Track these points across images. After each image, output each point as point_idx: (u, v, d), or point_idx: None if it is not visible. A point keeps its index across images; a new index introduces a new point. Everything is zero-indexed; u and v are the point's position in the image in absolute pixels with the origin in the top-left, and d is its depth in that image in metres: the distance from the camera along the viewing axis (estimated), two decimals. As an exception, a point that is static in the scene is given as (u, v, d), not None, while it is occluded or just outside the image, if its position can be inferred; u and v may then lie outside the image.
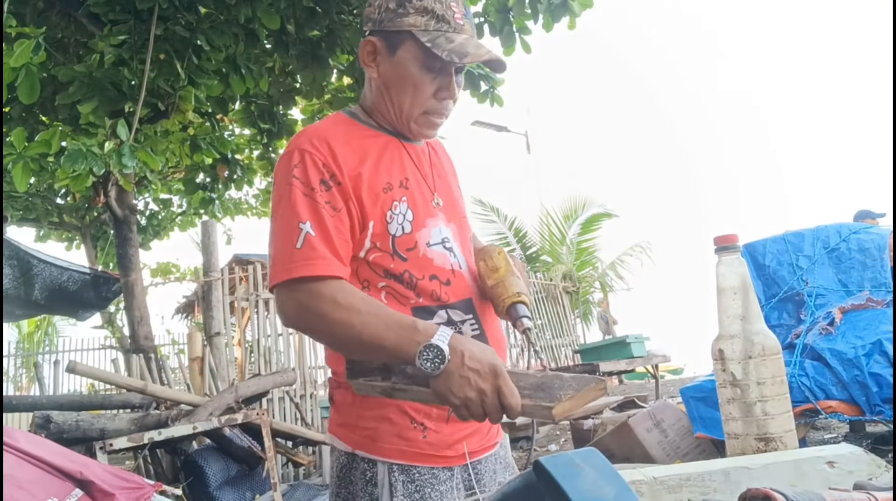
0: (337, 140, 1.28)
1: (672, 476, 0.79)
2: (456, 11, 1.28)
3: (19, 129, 3.63)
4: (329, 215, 1.21)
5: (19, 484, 2.42)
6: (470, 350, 1.08)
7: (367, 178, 1.27)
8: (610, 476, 0.65)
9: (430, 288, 1.30)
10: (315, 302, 1.17)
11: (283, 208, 1.23)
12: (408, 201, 1.31)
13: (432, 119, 1.35)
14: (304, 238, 1.19)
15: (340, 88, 5.77)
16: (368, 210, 1.26)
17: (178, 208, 8.65)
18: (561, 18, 4.41)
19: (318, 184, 1.22)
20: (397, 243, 1.28)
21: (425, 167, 1.40)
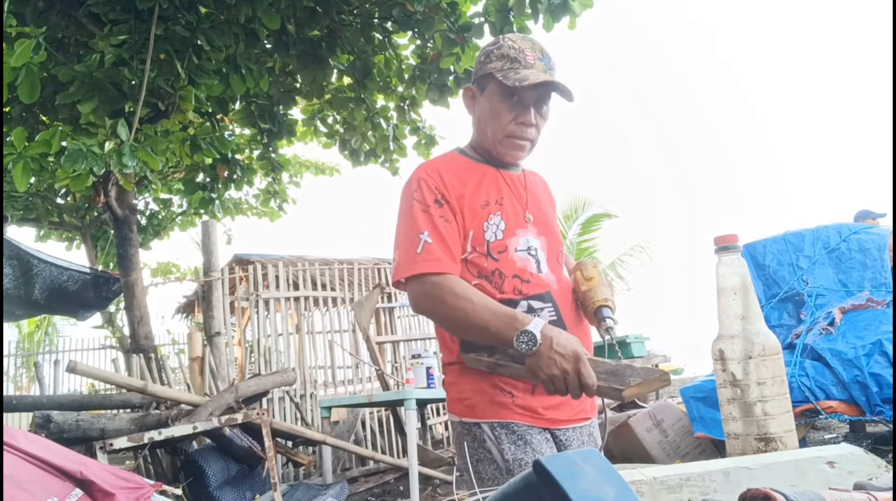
0: (446, 170, 1.65)
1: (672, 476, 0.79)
2: (528, 54, 1.60)
3: (19, 128, 3.63)
4: (443, 226, 1.57)
5: (19, 484, 2.42)
6: (557, 337, 1.38)
7: (468, 198, 1.62)
8: (610, 476, 0.65)
9: (513, 285, 1.61)
10: (438, 292, 1.50)
11: (406, 222, 1.60)
12: (502, 214, 1.64)
13: (514, 142, 1.65)
14: (423, 245, 1.54)
15: (340, 88, 5.77)
16: (469, 222, 1.61)
17: (178, 207, 8.64)
18: (561, 18, 4.40)
19: (432, 202, 1.59)
20: (491, 246, 1.62)
21: (519, 190, 1.72)
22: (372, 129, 5.90)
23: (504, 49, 1.62)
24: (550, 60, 1.65)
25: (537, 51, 1.62)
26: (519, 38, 1.64)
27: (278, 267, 6.36)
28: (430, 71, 5.22)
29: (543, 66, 1.61)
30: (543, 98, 1.64)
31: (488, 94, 1.64)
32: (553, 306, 1.63)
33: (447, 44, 4.79)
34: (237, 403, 4.31)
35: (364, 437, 6.08)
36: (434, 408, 6.78)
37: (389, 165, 6.16)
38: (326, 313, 7.01)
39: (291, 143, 6.84)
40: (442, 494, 4.89)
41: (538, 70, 1.59)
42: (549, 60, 1.64)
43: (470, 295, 1.49)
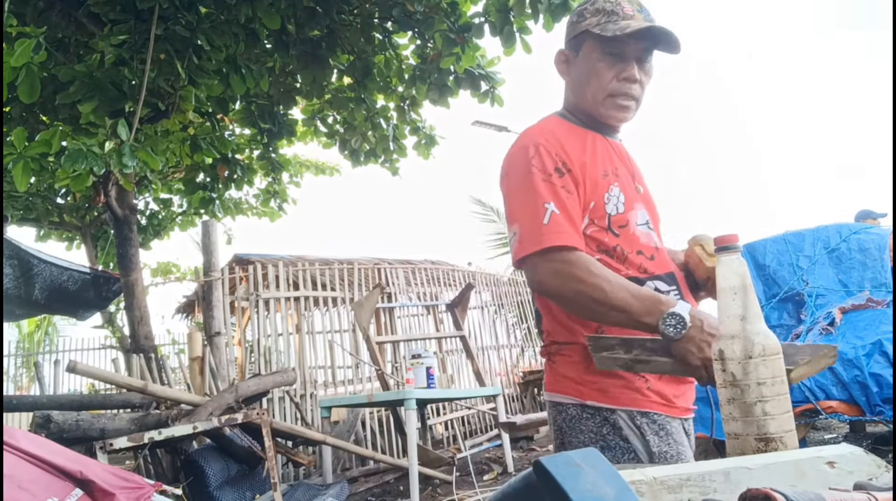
0: (560, 133, 1.50)
1: (672, 476, 0.79)
2: (625, 6, 1.47)
3: (19, 128, 3.63)
4: (565, 197, 1.42)
5: (19, 484, 2.42)
6: (707, 319, 1.25)
7: (588, 166, 1.48)
8: (610, 475, 0.65)
9: (638, 261, 1.49)
10: (571, 269, 1.36)
11: (525, 191, 1.44)
12: (619, 185, 1.50)
13: (617, 101, 1.51)
14: (551, 216, 1.39)
15: (341, 88, 5.77)
16: (590, 193, 1.46)
17: (178, 207, 8.64)
18: (561, 18, 4.40)
19: (553, 171, 1.43)
20: (612, 220, 1.48)
21: (626, 160, 1.60)
22: (372, 129, 5.91)
23: (598, 4, 1.49)
24: (650, 14, 1.50)
25: (634, 3, 1.50)
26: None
27: (278, 267, 6.36)
28: (430, 71, 5.22)
29: (644, 16, 1.48)
30: (648, 51, 1.50)
31: (585, 53, 1.51)
32: (678, 291, 1.50)
33: (447, 44, 4.79)
34: (237, 403, 4.31)
35: (364, 437, 6.08)
36: (434, 408, 6.78)
37: (389, 166, 6.17)
38: (326, 313, 7.01)
39: (291, 143, 6.84)
40: (442, 494, 4.89)
41: (638, 20, 1.46)
42: (648, 13, 1.50)
43: (607, 275, 1.35)
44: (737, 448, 1.02)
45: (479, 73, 5.12)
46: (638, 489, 0.75)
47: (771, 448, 0.98)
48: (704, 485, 0.78)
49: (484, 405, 7.27)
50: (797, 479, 0.82)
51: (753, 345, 1.02)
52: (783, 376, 1.02)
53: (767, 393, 1.01)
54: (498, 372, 8.62)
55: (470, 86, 5.17)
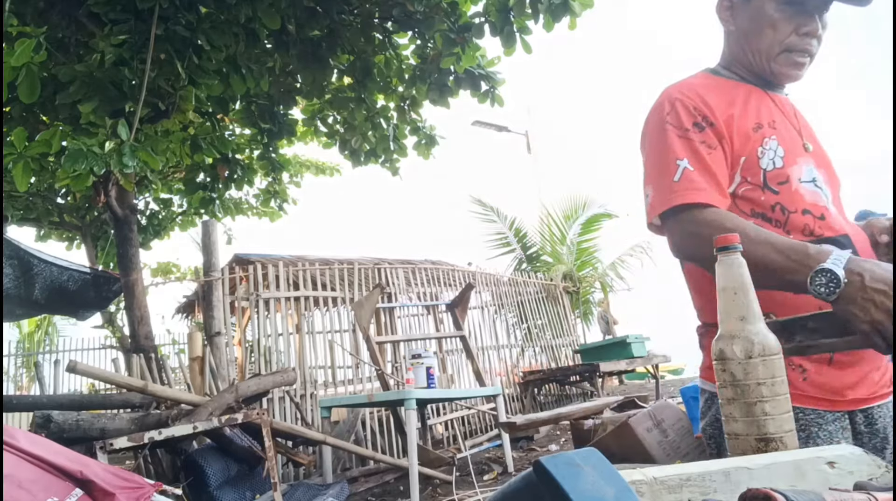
0: (703, 87, 1.38)
1: (672, 476, 0.79)
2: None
3: (20, 128, 3.63)
4: (705, 152, 1.29)
5: (19, 484, 2.42)
6: (871, 271, 1.02)
7: (737, 119, 1.33)
8: (610, 476, 0.65)
9: (803, 222, 1.31)
10: (701, 228, 1.22)
11: (658, 150, 1.33)
12: (777, 138, 1.34)
13: (794, 58, 1.37)
14: (682, 173, 1.27)
15: (341, 88, 5.78)
16: (739, 147, 1.32)
17: (178, 207, 8.65)
18: (561, 18, 4.41)
19: (691, 126, 1.31)
20: (768, 176, 1.32)
21: (791, 116, 1.42)
22: (372, 129, 5.91)
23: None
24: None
25: None
26: None
27: (278, 267, 6.36)
28: (430, 71, 5.22)
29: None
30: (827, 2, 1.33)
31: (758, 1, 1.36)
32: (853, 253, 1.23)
33: (447, 44, 4.80)
34: (237, 403, 4.31)
35: (364, 437, 6.08)
36: (434, 408, 6.78)
37: (390, 165, 6.17)
38: (326, 312, 7.01)
39: (292, 143, 6.85)
40: (442, 494, 4.89)
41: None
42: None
43: (746, 229, 1.17)
44: (737, 448, 1.02)
45: (480, 73, 5.12)
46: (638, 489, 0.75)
47: (771, 448, 0.98)
48: (704, 485, 0.78)
49: (484, 405, 7.26)
50: (797, 479, 0.82)
51: (753, 345, 1.02)
52: (783, 376, 1.02)
53: (767, 393, 1.00)
54: (498, 372, 8.62)
55: (470, 86, 5.17)
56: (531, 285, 10.17)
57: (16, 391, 14.31)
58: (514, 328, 9.62)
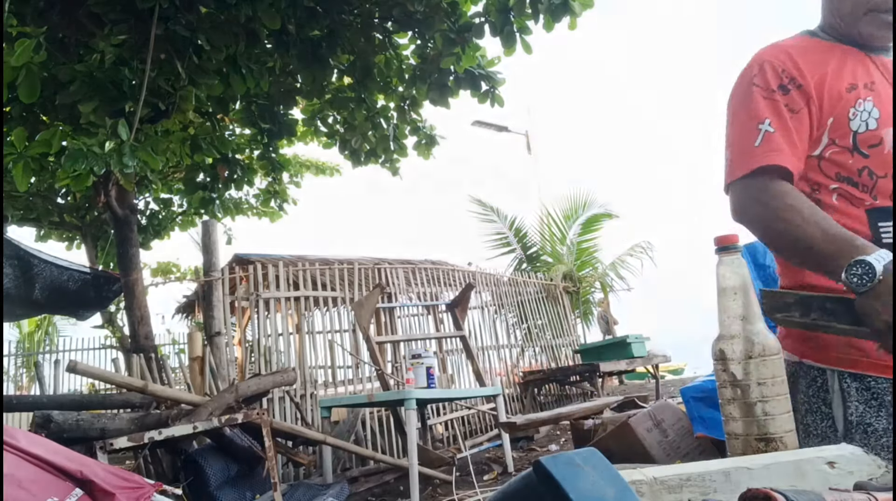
0: (796, 49, 1.35)
1: (672, 476, 0.79)
2: None
3: (20, 128, 3.64)
4: (788, 115, 1.28)
5: (19, 484, 2.42)
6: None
7: (829, 79, 1.30)
8: (610, 476, 0.65)
9: (891, 188, 1.26)
10: (765, 196, 1.24)
11: (743, 111, 1.32)
12: (874, 100, 1.30)
13: (881, 17, 1.31)
14: (764, 135, 1.27)
15: (341, 88, 5.78)
16: (828, 108, 1.29)
17: (178, 207, 8.65)
18: (561, 18, 4.41)
19: (777, 87, 1.30)
20: (859, 139, 1.28)
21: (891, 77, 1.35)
22: (372, 129, 5.91)
23: None
24: None
25: None
26: None
27: (278, 267, 6.36)
28: (430, 71, 5.22)
29: None
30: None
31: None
32: None
33: (447, 44, 4.80)
34: (237, 403, 4.31)
35: (364, 437, 6.08)
36: (434, 408, 6.78)
37: (390, 166, 6.17)
38: (327, 312, 7.01)
39: (292, 143, 6.85)
40: (442, 494, 4.89)
41: None
42: None
43: (802, 206, 1.19)
44: (737, 448, 1.02)
45: (480, 73, 5.12)
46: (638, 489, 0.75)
47: (771, 448, 0.98)
48: (704, 485, 0.78)
49: (484, 405, 7.27)
50: (797, 479, 0.82)
51: (753, 345, 1.02)
52: (783, 376, 1.02)
53: (768, 393, 1.01)
54: (498, 372, 8.62)
55: (470, 86, 5.17)
56: (531, 285, 10.17)
57: (16, 391, 14.31)
58: (514, 328, 9.61)
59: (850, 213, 1.28)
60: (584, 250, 12.84)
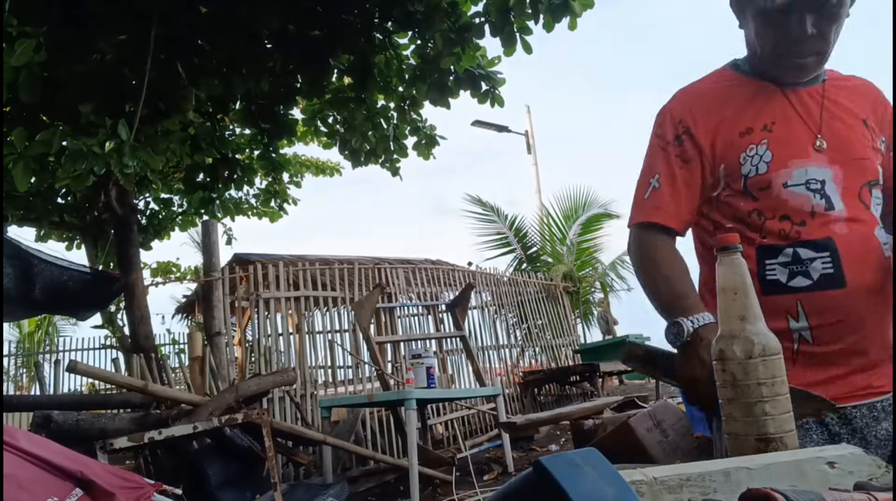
0: (703, 94, 1.45)
1: (672, 476, 0.79)
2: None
3: (20, 128, 3.64)
4: (678, 167, 1.40)
5: (19, 484, 2.42)
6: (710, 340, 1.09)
7: (725, 125, 1.39)
8: (610, 476, 0.65)
9: (779, 228, 1.35)
10: (637, 246, 1.41)
11: (646, 161, 1.46)
12: (769, 143, 1.36)
13: (792, 61, 1.36)
14: (651, 191, 1.41)
15: (341, 88, 5.77)
16: (720, 155, 1.39)
17: (178, 207, 8.64)
18: (562, 18, 4.41)
19: (672, 139, 1.42)
20: (749, 182, 1.37)
21: (810, 109, 1.40)
22: (372, 129, 5.90)
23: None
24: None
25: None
26: None
27: (278, 267, 6.36)
28: (430, 71, 5.22)
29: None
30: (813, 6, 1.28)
31: (751, 5, 1.36)
32: (831, 257, 1.30)
33: (447, 44, 4.79)
34: (237, 403, 4.31)
35: (364, 437, 6.08)
36: (434, 408, 6.78)
37: (390, 165, 6.17)
38: (327, 312, 7.01)
39: (292, 143, 6.85)
40: (442, 494, 4.89)
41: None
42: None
43: (659, 259, 1.36)
44: (737, 448, 1.02)
45: (480, 73, 5.12)
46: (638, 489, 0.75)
47: (771, 448, 0.98)
48: (704, 485, 0.78)
49: (484, 406, 7.26)
50: (797, 479, 0.82)
51: (753, 345, 1.02)
52: (783, 376, 1.02)
53: (767, 393, 1.01)
54: (498, 372, 8.62)
55: (470, 86, 5.17)
56: (531, 286, 10.16)
57: (16, 391, 14.31)
58: (514, 328, 9.61)
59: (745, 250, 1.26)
60: (584, 250, 12.84)
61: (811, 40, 1.31)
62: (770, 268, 1.35)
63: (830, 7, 1.29)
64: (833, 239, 1.32)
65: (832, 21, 1.30)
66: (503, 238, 12.91)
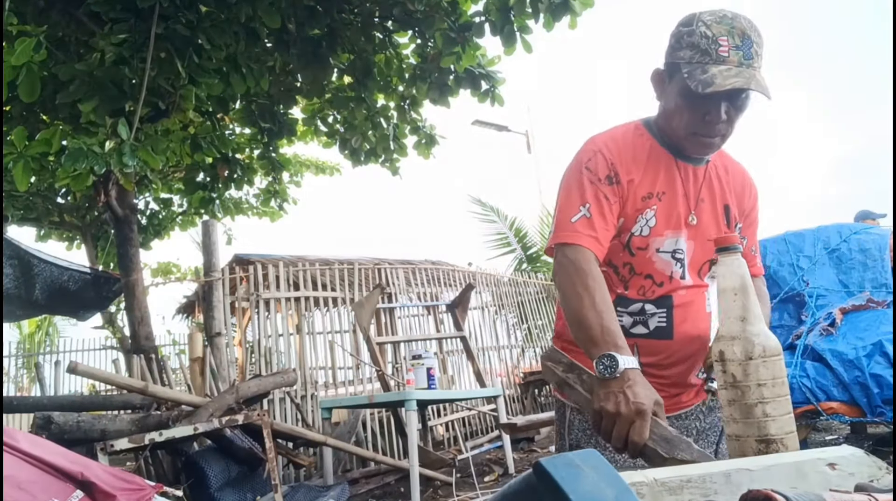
0: (626, 147, 1.55)
1: (673, 477, 0.79)
2: (723, 43, 1.39)
3: (20, 128, 3.63)
4: (606, 205, 1.49)
5: (20, 485, 2.42)
6: (635, 381, 1.20)
7: (637, 184, 1.52)
8: (610, 477, 0.64)
9: (640, 284, 1.56)
10: (562, 266, 1.44)
11: (574, 187, 1.52)
12: (657, 210, 1.53)
13: (701, 139, 1.49)
14: (581, 217, 1.47)
15: (341, 87, 5.77)
16: (626, 209, 1.52)
17: (178, 207, 8.64)
18: (562, 18, 4.40)
19: (604, 177, 1.50)
20: (633, 240, 1.53)
21: (692, 187, 1.58)
22: (372, 128, 5.90)
23: (695, 37, 1.41)
24: (751, 46, 1.40)
25: (736, 36, 1.39)
26: (716, 20, 1.40)
27: (279, 267, 6.36)
28: (430, 70, 5.22)
29: (740, 57, 1.38)
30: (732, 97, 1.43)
31: (675, 84, 1.46)
32: (666, 313, 1.55)
33: (448, 43, 4.79)
34: (238, 404, 4.31)
35: (365, 438, 6.08)
36: (435, 409, 6.78)
37: (390, 165, 6.16)
38: (327, 313, 7.01)
39: (292, 142, 6.84)
40: (443, 495, 4.89)
41: (732, 65, 1.37)
42: (749, 47, 1.39)
43: (594, 288, 1.38)
44: (737, 449, 1.02)
45: (480, 72, 5.12)
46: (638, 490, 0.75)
47: (772, 449, 0.98)
48: (705, 487, 0.78)
49: (485, 406, 7.26)
50: (798, 481, 0.81)
51: (754, 346, 1.01)
52: (783, 377, 1.02)
53: (768, 395, 1.00)
54: (498, 373, 8.61)
55: (470, 85, 5.17)
56: (531, 286, 10.16)
57: (16, 392, 14.32)
58: (515, 328, 9.61)
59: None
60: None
61: (722, 124, 1.45)
62: (620, 314, 1.54)
63: (745, 101, 1.45)
64: (672, 299, 1.56)
65: (742, 111, 1.46)
66: (503, 238, 12.91)
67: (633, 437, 1.14)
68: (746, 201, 1.67)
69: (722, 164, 1.65)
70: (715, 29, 1.39)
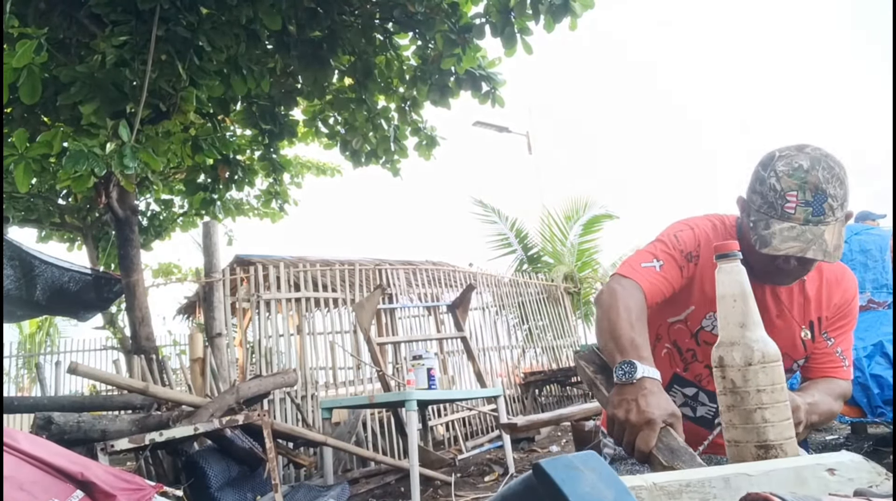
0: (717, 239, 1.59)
1: (672, 481, 0.79)
2: (790, 201, 1.37)
3: (21, 129, 3.64)
4: (672, 271, 1.57)
5: (20, 485, 2.42)
6: (650, 391, 1.23)
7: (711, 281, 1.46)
8: (609, 479, 0.65)
9: (699, 372, 1.66)
10: (612, 288, 1.48)
11: (657, 244, 1.62)
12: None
13: (773, 278, 1.54)
14: (650, 266, 1.56)
15: (342, 89, 5.77)
16: (697, 300, 1.61)
17: (179, 208, 8.64)
18: (562, 19, 4.41)
19: (685, 254, 1.60)
20: (702, 333, 1.63)
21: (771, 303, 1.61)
22: (373, 130, 5.90)
23: (765, 187, 1.40)
24: (824, 201, 1.34)
25: (808, 191, 1.34)
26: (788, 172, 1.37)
27: (279, 268, 6.36)
28: (431, 72, 5.22)
29: (807, 214, 1.35)
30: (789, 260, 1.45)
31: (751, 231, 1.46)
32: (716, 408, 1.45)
33: (448, 45, 4.80)
34: (238, 404, 4.31)
35: (365, 438, 6.08)
36: (435, 409, 6.78)
37: (390, 166, 6.16)
38: (327, 314, 7.01)
39: (293, 144, 6.85)
40: (443, 495, 4.89)
41: (797, 222, 1.35)
42: (821, 202, 1.34)
43: (632, 307, 1.41)
44: (736, 455, 1.02)
45: (480, 73, 5.12)
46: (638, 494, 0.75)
47: (771, 455, 0.98)
48: (704, 491, 0.78)
49: (485, 407, 7.26)
50: (797, 486, 0.82)
51: (753, 352, 1.02)
52: (783, 383, 1.02)
53: (767, 400, 1.00)
54: (499, 373, 8.61)
55: (471, 87, 5.17)
56: (532, 286, 10.16)
57: (17, 392, 14.32)
58: (516, 328, 9.61)
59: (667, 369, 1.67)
60: (584, 251, 12.83)
61: (796, 270, 1.48)
62: (673, 392, 1.66)
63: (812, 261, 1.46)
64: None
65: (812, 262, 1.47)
66: (504, 239, 12.91)
67: (640, 445, 1.17)
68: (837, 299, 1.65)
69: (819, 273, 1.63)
70: (785, 182, 1.37)
